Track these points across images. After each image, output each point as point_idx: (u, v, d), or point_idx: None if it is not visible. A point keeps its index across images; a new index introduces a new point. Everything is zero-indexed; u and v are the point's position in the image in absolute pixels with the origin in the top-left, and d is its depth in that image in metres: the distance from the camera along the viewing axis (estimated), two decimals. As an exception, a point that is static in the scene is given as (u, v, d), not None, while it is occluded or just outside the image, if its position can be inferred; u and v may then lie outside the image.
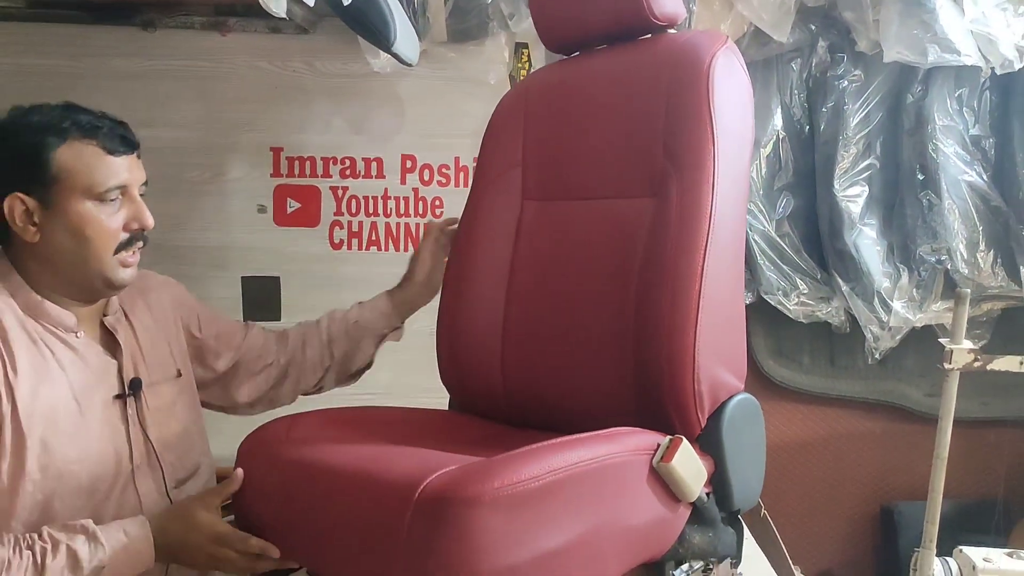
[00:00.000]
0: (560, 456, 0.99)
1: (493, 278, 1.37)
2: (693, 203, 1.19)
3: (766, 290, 2.10)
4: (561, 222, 1.37)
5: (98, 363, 1.26)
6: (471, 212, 1.42)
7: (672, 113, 1.25)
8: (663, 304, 1.18)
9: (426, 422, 1.36)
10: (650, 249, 1.24)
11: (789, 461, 2.31)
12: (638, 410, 1.22)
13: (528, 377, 1.34)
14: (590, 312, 1.29)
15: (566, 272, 1.34)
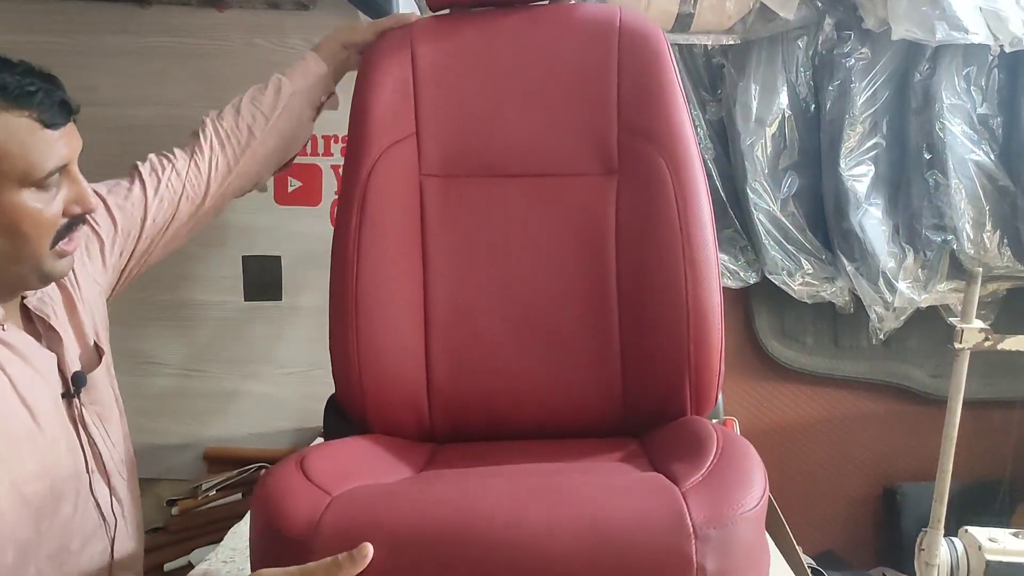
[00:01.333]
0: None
1: (400, 273, 1.22)
2: (691, 179, 1.22)
3: (770, 270, 2.09)
4: (485, 203, 1.26)
5: (38, 358, 1.05)
6: (354, 198, 1.21)
7: (634, 89, 1.26)
8: (681, 286, 1.17)
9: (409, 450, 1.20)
10: (634, 229, 1.23)
11: (792, 442, 2.31)
12: (627, 401, 1.21)
13: (468, 385, 1.22)
14: (555, 302, 1.23)
15: (508, 259, 1.24)
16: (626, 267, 1.24)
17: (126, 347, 2.25)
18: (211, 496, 2.12)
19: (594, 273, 1.24)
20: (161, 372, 2.27)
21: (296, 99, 1.35)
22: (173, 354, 2.27)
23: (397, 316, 1.21)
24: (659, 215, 1.22)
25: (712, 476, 0.92)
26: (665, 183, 1.21)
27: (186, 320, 2.25)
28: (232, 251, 2.21)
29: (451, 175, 1.28)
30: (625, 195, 1.25)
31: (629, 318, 1.23)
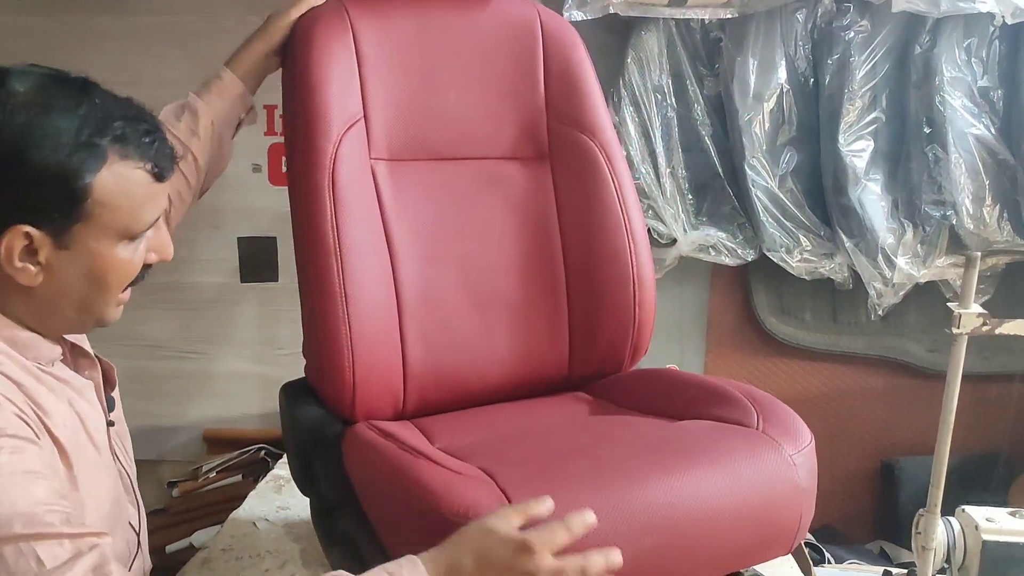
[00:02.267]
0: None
1: (374, 259, 1.23)
2: (621, 164, 1.37)
3: (768, 247, 2.07)
4: (433, 186, 1.32)
5: (86, 390, 1.00)
6: (322, 183, 1.20)
7: (560, 81, 1.37)
8: (627, 258, 1.35)
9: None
10: (576, 209, 1.36)
11: (790, 417, 2.30)
12: (574, 361, 1.38)
13: (437, 362, 1.28)
14: (509, 277, 1.34)
15: (463, 240, 1.32)
16: (572, 243, 1.36)
17: (122, 330, 2.24)
18: (211, 478, 2.13)
19: (541, 249, 1.36)
20: (158, 355, 2.27)
21: (215, 127, 1.28)
22: (170, 336, 2.26)
23: (377, 302, 1.23)
24: (600, 196, 1.36)
25: (769, 417, 1.14)
26: (601, 167, 1.36)
27: (182, 302, 2.24)
28: (227, 232, 2.21)
29: (399, 159, 1.31)
30: (561, 178, 1.38)
31: (577, 288, 1.36)
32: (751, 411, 1.14)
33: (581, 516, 0.87)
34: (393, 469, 1.03)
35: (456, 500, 0.93)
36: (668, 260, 2.12)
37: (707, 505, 1.00)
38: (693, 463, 1.03)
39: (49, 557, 0.76)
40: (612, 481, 0.99)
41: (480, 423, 1.28)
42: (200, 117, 1.27)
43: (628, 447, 1.09)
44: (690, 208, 2.10)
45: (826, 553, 2.07)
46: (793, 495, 1.05)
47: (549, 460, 1.06)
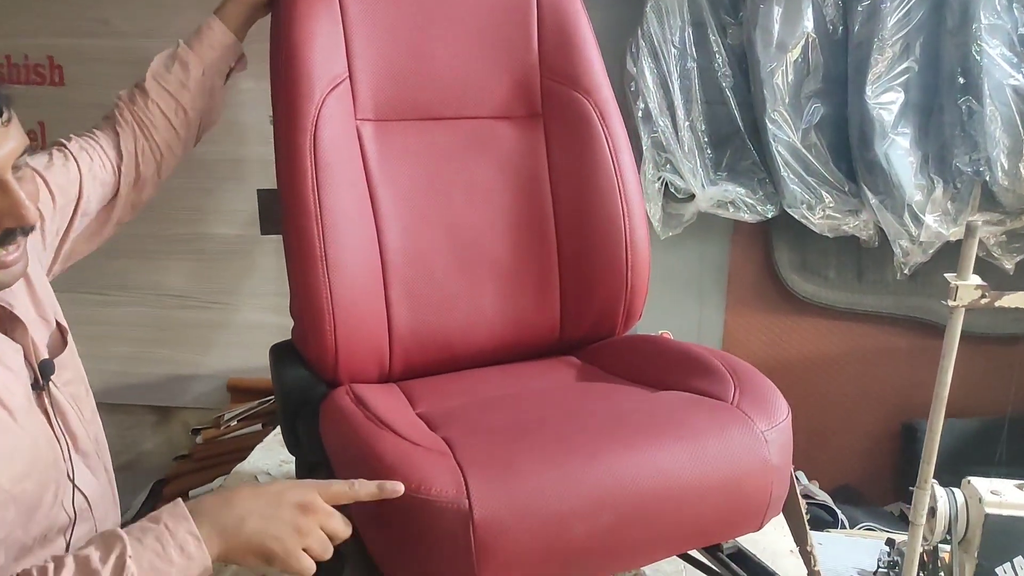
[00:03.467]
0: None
1: (357, 222, 1.22)
2: (617, 124, 1.34)
3: (789, 203, 2.00)
4: (421, 147, 1.30)
5: (5, 352, 0.98)
6: (304, 146, 1.19)
7: (555, 37, 1.35)
8: (620, 221, 1.32)
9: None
10: (569, 169, 1.33)
11: (811, 377, 2.25)
12: (565, 324, 1.36)
13: (424, 325, 1.27)
14: (497, 239, 1.32)
15: (450, 201, 1.30)
16: (564, 204, 1.34)
17: (147, 280, 2.30)
18: (233, 426, 2.17)
19: (532, 210, 1.33)
20: (182, 304, 2.31)
21: (205, 78, 1.28)
22: (193, 286, 2.30)
23: (360, 266, 1.22)
24: (594, 157, 1.32)
25: (746, 391, 1.10)
26: (595, 127, 1.33)
27: (204, 253, 2.27)
28: (247, 184, 2.22)
29: (386, 119, 1.29)
30: (554, 137, 1.35)
31: (569, 250, 1.34)
32: (729, 384, 1.11)
33: (384, 484, 0.92)
34: (356, 438, 1.03)
35: (409, 474, 0.93)
36: (687, 216, 2.08)
37: (669, 481, 0.98)
38: (658, 437, 1.01)
39: None
40: (572, 455, 0.97)
41: (464, 387, 1.27)
42: (191, 68, 1.28)
43: (597, 419, 1.07)
44: (709, 163, 2.04)
45: (840, 515, 2.04)
46: (762, 471, 1.02)
47: (516, 430, 1.04)
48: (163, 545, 0.84)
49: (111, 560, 0.82)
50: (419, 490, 0.91)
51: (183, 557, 0.84)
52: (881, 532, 1.95)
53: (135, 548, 0.83)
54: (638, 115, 2.01)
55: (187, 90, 1.28)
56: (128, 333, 2.35)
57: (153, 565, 0.83)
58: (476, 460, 0.95)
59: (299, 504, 0.90)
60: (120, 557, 0.82)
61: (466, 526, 0.90)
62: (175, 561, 0.84)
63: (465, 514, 0.90)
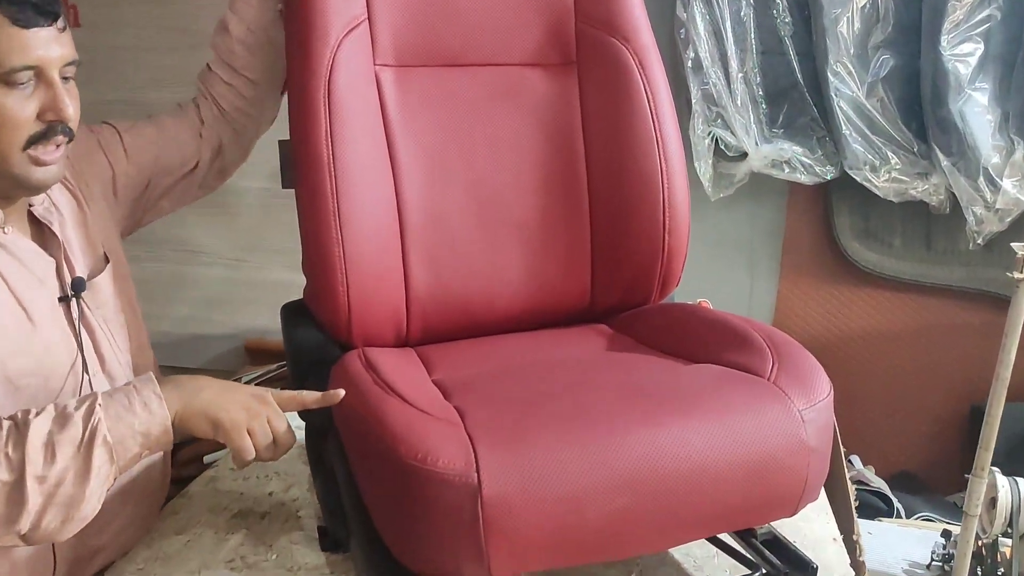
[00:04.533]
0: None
1: (374, 177, 1.23)
2: (657, 73, 1.32)
3: (851, 164, 1.96)
4: (444, 95, 1.29)
5: (36, 262, 1.15)
6: (317, 93, 1.20)
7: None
8: (658, 179, 1.31)
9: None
10: (604, 122, 1.32)
11: (872, 353, 2.21)
12: (597, 290, 1.36)
13: (444, 287, 1.29)
14: (524, 197, 1.31)
15: (474, 155, 1.29)
16: (598, 160, 1.33)
17: (167, 234, 2.33)
18: (250, 389, 2.20)
19: (562, 166, 1.33)
20: (203, 261, 2.34)
21: (252, 34, 1.35)
22: (213, 242, 2.33)
23: (376, 223, 1.22)
24: (631, 109, 1.31)
25: (785, 366, 1.08)
26: (633, 76, 1.31)
27: (226, 207, 2.29)
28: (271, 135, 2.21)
29: (407, 65, 1.29)
30: (589, 86, 1.33)
31: (601, 210, 1.33)
32: (767, 357, 1.10)
33: (327, 393, 1.08)
34: (362, 404, 1.03)
35: (416, 443, 0.93)
36: (738, 176, 2.05)
37: (695, 460, 0.96)
38: (686, 413, 1.00)
39: None
40: (589, 430, 0.96)
41: (484, 354, 1.28)
42: (231, 30, 1.35)
43: (621, 392, 1.06)
44: (764, 118, 2.01)
45: (896, 503, 2.01)
46: (798, 453, 1.01)
47: (535, 401, 1.04)
48: (129, 400, 1.01)
49: (83, 407, 0.98)
50: (425, 461, 0.91)
51: (145, 411, 1.01)
52: (940, 523, 1.93)
53: (105, 400, 1.00)
54: (688, 65, 1.98)
55: (236, 55, 1.36)
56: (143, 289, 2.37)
57: (119, 415, 0.99)
58: (488, 431, 0.95)
59: (253, 394, 1.10)
60: (90, 405, 0.98)
61: (474, 501, 0.90)
62: (138, 413, 1.01)
63: (474, 488, 0.90)
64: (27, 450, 0.93)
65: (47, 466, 0.94)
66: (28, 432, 0.94)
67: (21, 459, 0.93)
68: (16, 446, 0.93)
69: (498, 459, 0.92)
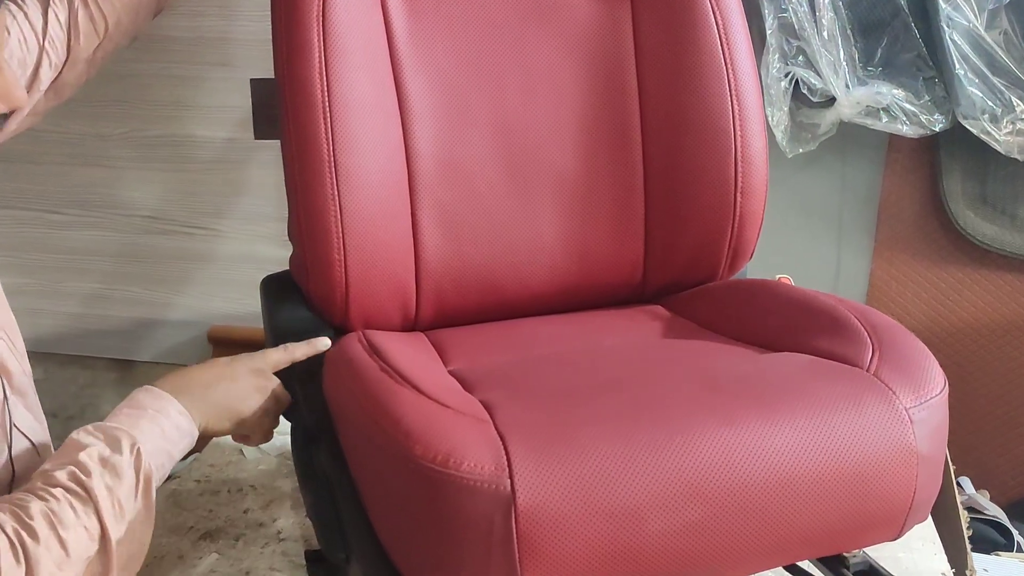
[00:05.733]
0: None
1: (377, 121, 1.25)
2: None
3: (965, 112, 1.95)
4: (465, 20, 1.31)
5: None
6: (310, 20, 1.22)
7: None
8: (729, 125, 1.32)
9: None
10: (661, 53, 1.34)
11: (989, 346, 2.21)
12: (651, 264, 1.38)
13: (461, 257, 1.31)
14: (563, 146, 1.33)
15: (502, 95, 1.31)
16: (654, 101, 1.34)
17: (114, 196, 2.35)
18: (215, 387, 2.22)
19: (611, 109, 1.35)
20: (156, 228, 2.35)
21: None
22: (171, 205, 2.34)
23: (380, 176, 1.25)
24: (695, 37, 1.32)
25: (888, 354, 1.09)
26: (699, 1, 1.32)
27: (184, 161, 2.30)
28: (238, 72, 2.23)
29: None
30: (644, 11, 1.35)
31: (658, 163, 1.35)
32: (865, 344, 1.11)
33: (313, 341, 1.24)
34: (368, 397, 1.05)
35: (435, 443, 0.94)
36: (824, 126, 2.04)
37: (780, 468, 0.98)
38: (768, 410, 1.01)
39: None
40: (652, 429, 0.97)
41: (513, 340, 1.29)
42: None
43: (686, 384, 1.07)
44: (857, 55, 2.00)
45: (1016, 536, 2.02)
46: (905, 461, 1.02)
47: (576, 395, 1.06)
48: (162, 428, 1.07)
49: (126, 453, 1.01)
50: (447, 464, 0.92)
51: (178, 433, 1.08)
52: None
53: (140, 436, 1.04)
54: (761, -13, 1.98)
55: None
56: (87, 264, 2.41)
57: (157, 447, 1.05)
58: (523, 429, 0.97)
59: (253, 370, 1.21)
60: (132, 446, 1.02)
61: (507, 514, 0.91)
62: (175, 441, 1.08)
63: (506, 498, 0.91)
64: (103, 518, 0.97)
65: (120, 525, 0.99)
66: (95, 498, 0.98)
67: (100, 528, 0.97)
68: (91, 515, 0.97)
69: (536, 462, 0.93)
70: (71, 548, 0.93)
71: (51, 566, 0.91)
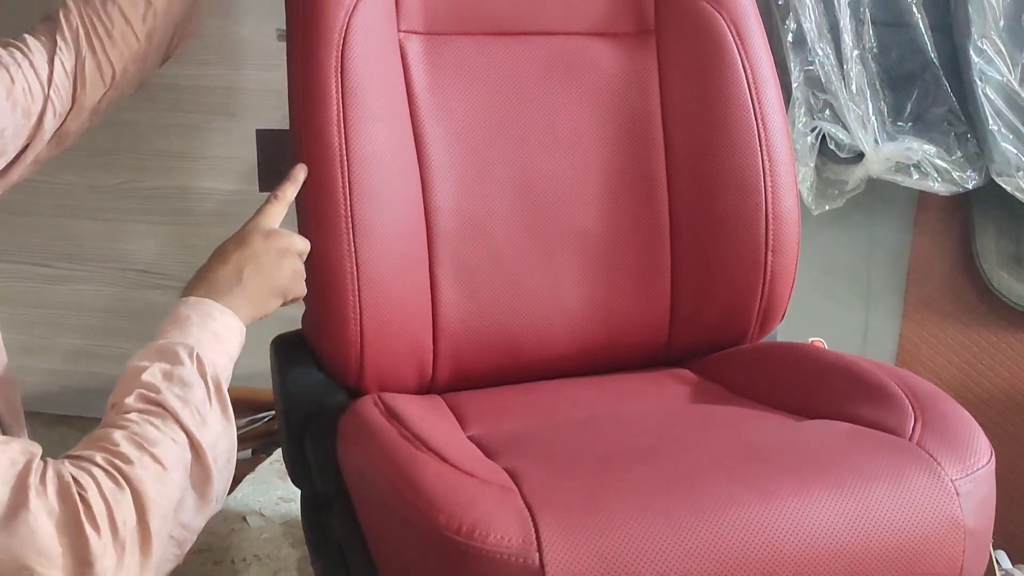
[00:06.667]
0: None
1: (395, 173, 1.26)
2: (758, 44, 1.35)
3: (999, 169, 1.97)
4: (488, 71, 1.33)
5: None
6: (328, 67, 1.24)
7: None
8: (759, 181, 1.34)
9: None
10: (690, 107, 1.36)
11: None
12: (677, 325, 1.39)
13: (481, 316, 1.32)
14: (587, 202, 1.34)
15: (524, 148, 1.32)
16: (681, 156, 1.36)
17: (106, 249, 2.36)
18: (212, 450, 2.21)
19: (637, 165, 1.36)
20: (153, 282, 2.36)
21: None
22: (167, 260, 2.35)
23: (398, 231, 1.26)
24: (725, 90, 1.34)
25: (932, 422, 1.10)
26: (728, 49, 1.34)
27: (183, 215, 2.31)
28: (243, 122, 2.25)
29: (440, 32, 1.32)
30: (671, 63, 1.37)
31: (685, 220, 1.37)
32: (907, 412, 1.11)
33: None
34: (387, 463, 1.05)
35: (459, 512, 0.94)
36: (852, 182, 2.05)
37: (821, 543, 0.97)
38: (807, 482, 1.01)
39: None
40: (684, 501, 0.97)
41: (534, 404, 1.29)
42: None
43: (720, 453, 1.07)
44: (886, 109, 2.02)
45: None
46: (951, 536, 1.01)
47: (607, 464, 1.05)
48: (211, 331, 1.09)
49: (189, 362, 1.04)
50: (472, 536, 0.92)
51: (231, 333, 1.12)
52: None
53: (197, 344, 1.06)
54: (787, 39, 2.00)
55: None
56: (79, 320, 2.41)
57: (215, 351, 1.08)
58: (552, 499, 0.97)
59: (264, 237, 1.22)
60: (191, 355, 1.05)
61: None
62: (228, 341, 1.11)
63: (535, 572, 0.91)
64: (186, 425, 1.00)
65: (204, 430, 1.02)
66: (172, 410, 1.01)
67: (186, 436, 1.00)
68: (172, 426, 1.00)
69: (566, 535, 0.93)
70: (165, 460, 0.96)
71: (152, 482, 0.94)
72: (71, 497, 0.89)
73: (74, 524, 0.88)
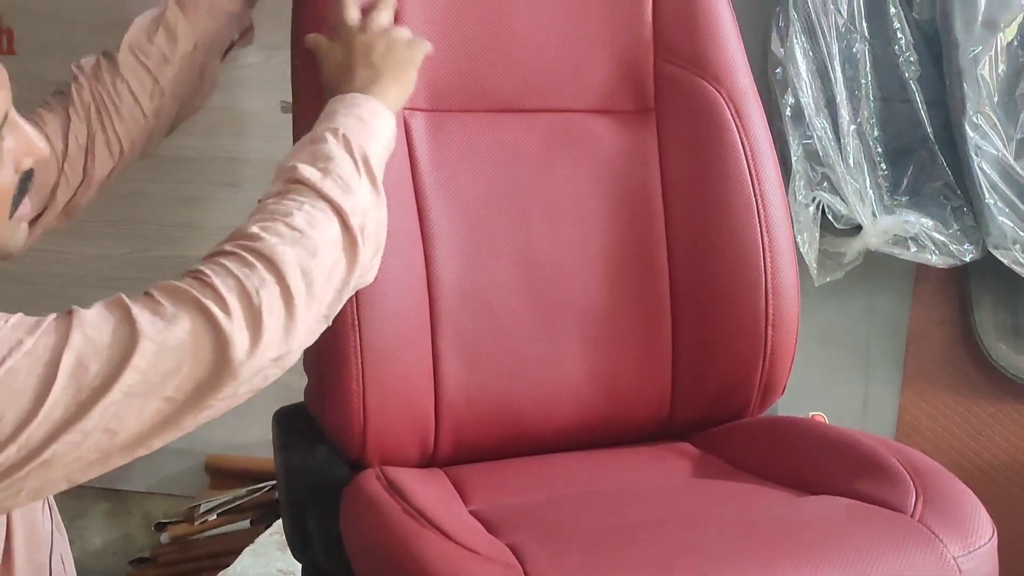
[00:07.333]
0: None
1: (399, 249, 1.26)
2: (756, 122, 1.38)
3: (996, 243, 1.98)
4: (491, 148, 1.35)
5: None
6: None
7: (675, 5, 1.39)
8: (759, 256, 1.35)
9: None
10: (689, 184, 1.38)
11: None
12: (678, 399, 1.40)
13: (483, 390, 1.32)
14: (589, 277, 1.36)
15: (527, 224, 1.34)
16: (682, 231, 1.38)
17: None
18: (211, 521, 2.21)
19: (638, 239, 1.38)
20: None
21: (197, 52, 1.36)
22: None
23: (401, 305, 1.26)
24: (723, 167, 1.36)
25: (933, 499, 1.10)
26: (726, 126, 1.36)
27: (187, 284, 2.32)
28: (247, 192, 2.27)
29: (444, 109, 1.35)
30: (670, 140, 1.39)
31: (686, 294, 1.38)
32: (908, 488, 1.11)
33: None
34: (390, 539, 1.05)
35: None
36: (850, 255, 2.07)
37: None
38: (808, 560, 1.01)
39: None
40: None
41: (536, 478, 1.30)
42: (179, 40, 1.35)
43: (722, 530, 1.07)
44: (884, 183, 2.04)
45: None
46: (954, 615, 1.01)
47: (608, 540, 1.06)
48: (357, 116, 1.14)
49: (329, 139, 1.09)
50: None
51: (378, 118, 1.15)
52: None
53: (341, 125, 1.12)
54: (786, 114, 2.02)
55: (170, 66, 1.36)
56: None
57: (362, 132, 1.12)
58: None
59: (358, 29, 1.22)
60: (332, 130, 1.10)
61: None
62: (377, 126, 1.15)
63: None
64: (325, 192, 1.05)
65: (348, 197, 1.06)
66: (308, 181, 1.05)
67: (327, 202, 1.05)
68: (310, 196, 1.05)
69: None
70: (299, 225, 1.01)
71: (285, 246, 0.99)
72: (183, 290, 1.00)
73: (192, 304, 0.99)
